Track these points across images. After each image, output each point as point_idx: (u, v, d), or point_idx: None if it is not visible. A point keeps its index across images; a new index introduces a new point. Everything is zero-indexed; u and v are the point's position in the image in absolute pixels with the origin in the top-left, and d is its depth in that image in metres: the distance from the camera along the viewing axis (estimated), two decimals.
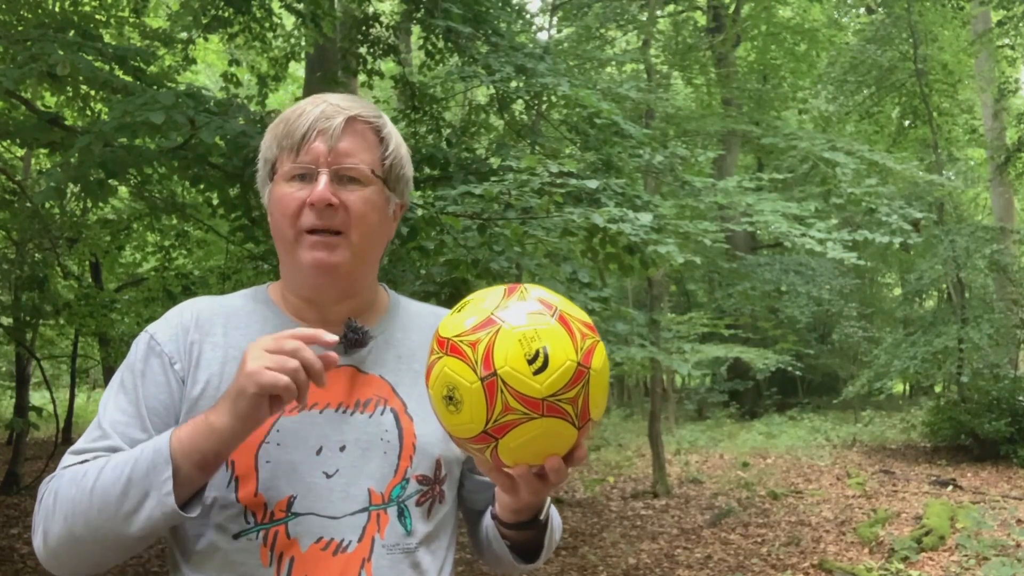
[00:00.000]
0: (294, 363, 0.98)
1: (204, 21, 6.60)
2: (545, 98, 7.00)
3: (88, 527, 1.04)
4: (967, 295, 11.24)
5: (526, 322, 0.94)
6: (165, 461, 1.01)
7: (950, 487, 8.78)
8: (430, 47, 6.99)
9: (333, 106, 1.15)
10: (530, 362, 0.91)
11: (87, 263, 9.54)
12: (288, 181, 1.14)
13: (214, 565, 1.10)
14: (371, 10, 7.42)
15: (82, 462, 1.09)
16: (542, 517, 1.18)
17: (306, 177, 1.13)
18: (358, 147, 1.14)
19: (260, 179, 1.21)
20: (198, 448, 1.01)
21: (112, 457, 1.06)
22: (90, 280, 9.15)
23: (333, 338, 1.01)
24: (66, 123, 4.92)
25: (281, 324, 1.19)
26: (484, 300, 0.99)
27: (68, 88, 5.48)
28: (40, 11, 5.66)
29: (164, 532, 1.09)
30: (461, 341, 0.95)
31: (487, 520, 1.27)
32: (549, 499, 1.19)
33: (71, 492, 1.05)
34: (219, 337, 1.17)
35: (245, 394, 0.99)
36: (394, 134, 1.20)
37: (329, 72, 7.37)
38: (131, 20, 7.26)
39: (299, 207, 1.12)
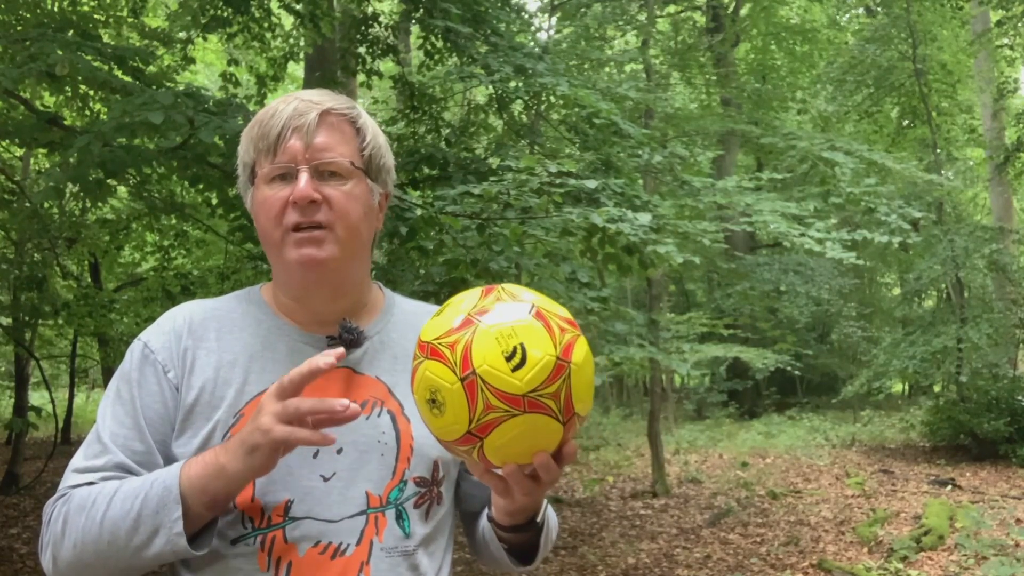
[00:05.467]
0: (308, 404, 0.98)
1: (203, 21, 6.60)
2: (544, 98, 6.99)
3: (98, 556, 1.05)
4: (966, 295, 11.24)
5: (503, 320, 0.94)
6: (175, 501, 1.01)
7: (949, 487, 8.79)
8: (429, 47, 6.98)
9: (305, 102, 1.13)
10: (508, 359, 0.92)
11: (86, 263, 9.55)
12: (269, 183, 1.13)
13: (212, 571, 1.09)
14: (370, 10, 7.41)
15: (88, 483, 1.09)
16: (539, 519, 1.17)
17: (286, 176, 1.12)
18: (335, 140, 1.13)
19: (241, 184, 1.20)
20: (208, 489, 1.02)
21: (121, 487, 1.05)
22: (89, 280, 9.16)
23: (330, 360, 1.00)
24: (65, 123, 4.92)
25: (274, 326, 1.19)
26: (462, 302, 0.99)
27: (67, 88, 5.48)
28: (39, 11, 5.65)
29: None
30: (440, 343, 0.95)
31: (483, 522, 1.26)
32: (546, 501, 1.19)
33: (80, 520, 1.05)
34: (212, 342, 1.16)
35: (261, 449, 0.99)
36: (370, 124, 1.19)
37: (328, 72, 7.36)
38: (129, 20, 7.25)
39: (282, 207, 1.11)
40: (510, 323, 0.94)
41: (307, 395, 1.02)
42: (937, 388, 13.76)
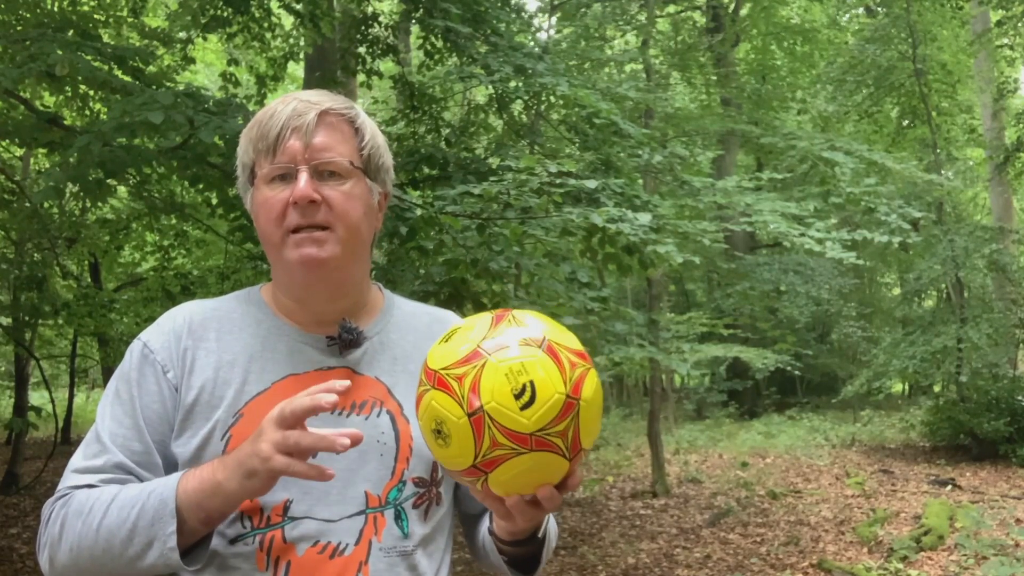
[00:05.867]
0: (308, 440, 0.97)
1: (203, 21, 6.60)
2: (544, 98, 6.99)
3: (94, 562, 1.05)
4: (966, 295, 11.23)
5: (513, 355, 0.92)
6: (171, 514, 1.01)
7: (949, 487, 8.79)
8: (429, 47, 6.98)
9: (304, 102, 1.13)
10: (517, 397, 0.90)
11: (86, 263, 9.55)
12: (269, 184, 1.13)
13: (211, 570, 1.09)
14: (370, 10, 7.41)
15: (87, 484, 1.09)
16: (540, 535, 1.18)
17: (286, 177, 1.12)
18: (334, 140, 1.13)
19: (240, 184, 1.20)
20: (204, 506, 1.02)
21: (118, 494, 1.05)
22: (89, 280, 9.16)
23: (333, 399, 0.97)
24: (65, 123, 4.92)
25: (273, 326, 1.19)
26: (472, 329, 0.97)
27: (67, 88, 5.49)
28: (39, 11, 5.66)
29: None
30: (448, 375, 0.93)
31: (484, 533, 1.26)
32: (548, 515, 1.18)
33: (77, 526, 1.05)
34: (212, 343, 1.16)
35: (258, 475, 0.99)
36: (369, 124, 1.19)
37: (328, 72, 7.36)
38: (129, 20, 7.25)
39: (283, 208, 1.11)
40: (520, 358, 0.92)
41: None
42: (937, 388, 13.76)
